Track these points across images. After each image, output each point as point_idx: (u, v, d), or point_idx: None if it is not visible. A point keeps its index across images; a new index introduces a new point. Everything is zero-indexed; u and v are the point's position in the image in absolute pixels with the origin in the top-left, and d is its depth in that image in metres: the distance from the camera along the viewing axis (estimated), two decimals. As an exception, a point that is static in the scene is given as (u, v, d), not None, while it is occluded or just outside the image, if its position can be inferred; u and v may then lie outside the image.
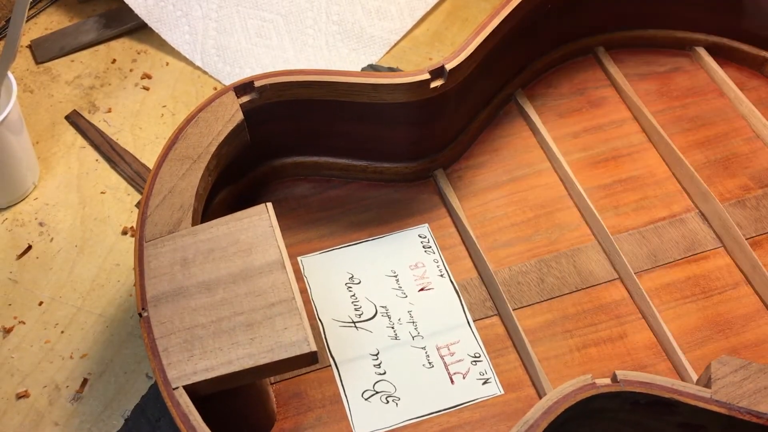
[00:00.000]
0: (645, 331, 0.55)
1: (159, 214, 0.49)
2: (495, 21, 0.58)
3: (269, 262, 0.47)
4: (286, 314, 0.45)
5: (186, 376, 0.43)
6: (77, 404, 0.55)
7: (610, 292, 0.57)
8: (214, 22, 0.75)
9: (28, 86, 0.72)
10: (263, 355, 0.44)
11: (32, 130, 0.69)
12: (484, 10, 0.79)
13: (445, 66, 0.56)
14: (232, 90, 0.55)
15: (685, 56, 0.71)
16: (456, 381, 0.53)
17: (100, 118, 0.70)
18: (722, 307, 0.56)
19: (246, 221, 0.49)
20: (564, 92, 0.69)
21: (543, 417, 0.43)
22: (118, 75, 0.73)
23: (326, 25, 0.76)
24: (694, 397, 0.44)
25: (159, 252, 0.48)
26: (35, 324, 0.58)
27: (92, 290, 0.60)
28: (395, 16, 0.77)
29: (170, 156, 0.52)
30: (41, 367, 0.56)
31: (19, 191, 0.65)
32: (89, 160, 0.68)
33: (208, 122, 0.53)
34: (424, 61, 0.75)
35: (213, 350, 0.44)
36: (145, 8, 0.74)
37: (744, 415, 0.44)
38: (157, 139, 0.69)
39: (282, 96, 0.56)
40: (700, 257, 0.59)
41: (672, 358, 0.54)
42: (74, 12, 0.78)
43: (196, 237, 0.48)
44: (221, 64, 0.73)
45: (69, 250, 0.62)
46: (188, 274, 0.47)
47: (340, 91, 0.56)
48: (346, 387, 0.53)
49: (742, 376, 0.45)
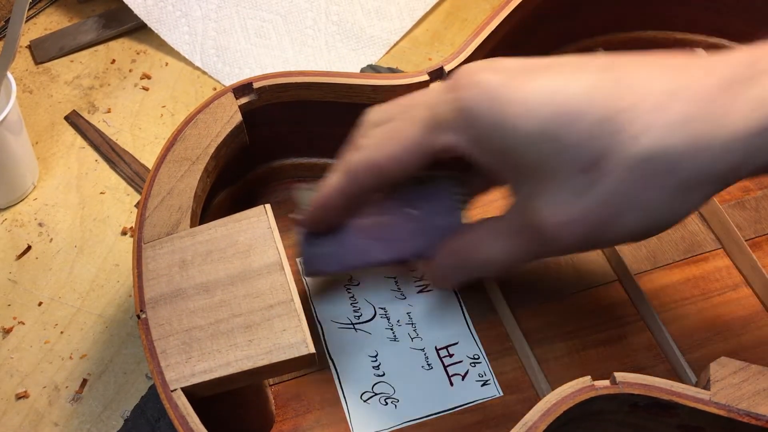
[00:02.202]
0: (644, 333, 0.55)
1: (157, 215, 0.49)
2: (494, 22, 0.58)
3: (268, 263, 0.47)
4: (285, 316, 0.45)
5: (184, 378, 0.43)
6: (77, 404, 0.55)
7: (610, 293, 0.57)
8: (213, 23, 0.75)
9: (27, 86, 0.72)
10: (261, 357, 0.44)
11: (31, 130, 0.69)
12: (483, 10, 0.79)
13: (444, 67, 0.56)
14: (231, 91, 0.55)
15: (686, 57, 0.71)
16: (455, 382, 0.53)
17: (100, 119, 0.70)
18: (722, 309, 0.56)
19: (245, 223, 0.49)
20: (564, 93, 0.68)
21: (542, 419, 0.43)
22: (117, 75, 0.73)
23: (326, 25, 0.76)
24: (693, 399, 0.44)
25: (157, 254, 0.48)
26: (35, 324, 0.58)
27: (92, 290, 0.60)
28: (395, 16, 0.77)
29: (168, 157, 0.52)
30: (41, 367, 0.57)
31: (19, 191, 0.65)
32: (89, 161, 0.68)
33: (206, 124, 0.53)
34: (423, 62, 0.75)
35: (211, 352, 0.44)
36: (145, 9, 0.74)
37: (743, 417, 0.44)
38: (156, 139, 0.69)
39: (281, 97, 0.56)
40: (700, 259, 0.59)
41: (671, 360, 0.54)
42: (74, 12, 0.78)
43: (194, 238, 0.48)
44: (221, 64, 0.73)
45: (68, 250, 0.62)
46: (186, 275, 0.47)
47: (340, 93, 0.56)
48: (344, 388, 0.53)
49: (741, 378, 0.45)
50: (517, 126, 0.41)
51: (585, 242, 0.43)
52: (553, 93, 0.41)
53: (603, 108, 0.40)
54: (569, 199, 0.41)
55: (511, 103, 0.41)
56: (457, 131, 0.43)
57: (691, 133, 0.40)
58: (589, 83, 0.41)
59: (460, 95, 0.42)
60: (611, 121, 0.40)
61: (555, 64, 0.43)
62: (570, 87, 0.41)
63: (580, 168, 0.41)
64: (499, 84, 0.42)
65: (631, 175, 0.40)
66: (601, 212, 0.41)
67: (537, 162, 0.41)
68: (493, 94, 0.42)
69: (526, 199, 0.43)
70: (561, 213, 0.42)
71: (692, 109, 0.40)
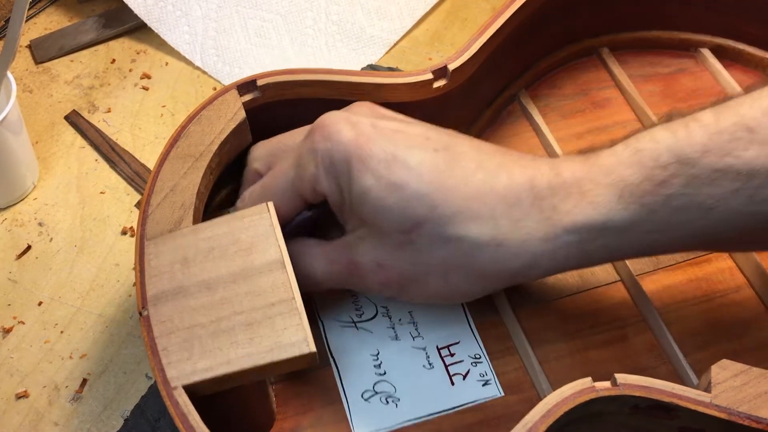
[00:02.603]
0: (646, 334, 0.55)
1: (160, 212, 0.49)
2: (499, 21, 0.58)
3: (269, 261, 0.47)
4: (286, 314, 0.45)
5: (185, 375, 0.43)
6: (77, 404, 0.55)
7: (612, 294, 0.57)
8: (213, 22, 0.75)
9: (27, 86, 0.72)
10: (262, 355, 0.44)
11: (31, 130, 0.68)
12: (483, 10, 0.79)
13: (448, 66, 0.56)
14: (235, 88, 0.54)
15: (690, 58, 0.71)
16: (456, 382, 0.53)
17: (100, 118, 0.70)
18: (724, 311, 0.56)
19: (247, 220, 0.49)
20: (568, 93, 0.68)
21: (542, 420, 0.43)
22: (117, 75, 0.73)
23: (326, 25, 0.76)
24: (694, 401, 0.44)
25: (160, 250, 0.48)
26: (35, 324, 0.58)
27: (92, 290, 0.60)
28: (395, 16, 0.77)
29: (172, 154, 0.51)
30: (41, 367, 0.56)
31: (19, 191, 0.65)
32: (89, 160, 0.67)
33: (210, 120, 0.53)
34: (423, 61, 0.75)
35: (212, 350, 0.44)
36: (145, 8, 0.74)
37: (744, 420, 0.44)
38: (156, 139, 0.69)
39: (284, 95, 0.56)
40: (703, 260, 0.58)
41: (673, 361, 0.53)
42: (74, 12, 0.78)
43: (196, 236, 0.48)
44: (221, 64, 0.73)
45: (68, 250, 0.62)
46: (188, 273, 0.47)
47: (343, 91, 0.56)
48: (346, 387, 0.53)
49: (742, 381, 0.45)
50: (359, 182, 0.47)
51: (393, 288, 0.50)
52: (390, 161, 0.46)
53: (427, 183, 0.46)
54: (389, 251, 0.48)
55: (358, 160, 0.47)
56: (316, 176, 0.48)
57: (494, 228, 0.46)
58: (423, 158, 0.47)
59: (316, 147, 0.48)
60: (430, 197, 0.46)
61: (403, 130, 0.49)
62: (407, 158, 0.47)
63: (401, 229, 0.47)
64: (350, 140, 0.47)
65: (437, 249, 0.47)
66: (409, 268, 0.48)
67: (370, 215, 0.47)
68: (343, 148, 0.47)
69: (357, 239, 0.49)
70: (379, 258, 0.49)
71: (499, 207, 0.46)
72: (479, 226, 0.46)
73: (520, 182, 0.47)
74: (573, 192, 0.46)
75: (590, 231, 0.46)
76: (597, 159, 0.47)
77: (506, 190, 0.47)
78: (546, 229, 0.46)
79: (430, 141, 0.48)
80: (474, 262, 0.47)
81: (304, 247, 0.51)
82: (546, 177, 0.47)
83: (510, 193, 0.47)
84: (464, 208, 0.46)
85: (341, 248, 0.50)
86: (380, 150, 0.47)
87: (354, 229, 0.50)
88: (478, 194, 0.46)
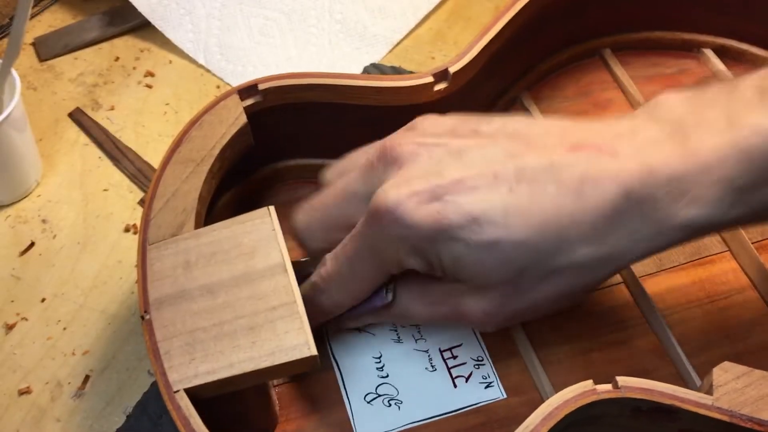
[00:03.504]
0: (649, 336, 0.55)
1: (162, 217, 0.49)
2: (500, 23, 0.58)
3: (271, 265, 0.47)
4: (288, 318, 0.45)
5: (187, 379, 0.43)
6: (79, 400, 0.55)
7: (615, 296, 0.57)
8: (217, 21, 0.75)
9: (31, 84, 0.72)
10: (264, 358, 0.44)
11: (35, 127, 0.68)
12: (487, 9, 0.78)
13: (449, 69, 0.56)
14: (236, 93, 0.54)
15: (693, 58, 0.70)
16: (458, 384, 0.53)
17: (103, 116, 0.70)
18: (728, 312, 0.56)
19: (249, 224, 0.49)
20: (570, 94, 0.68)
21: (543, 423, 0.43)
22: (121, 73, 0.73)
23: (329, 23, 0.76)
24: (696, 404, 0.44)
25: (162, 255, 0.48)
26: (37, 321, 0.58)
27: (94, 287, 0.60)
28: (398, 14, 0.77)
29: (174, 159, 0.51)
30: (43, 363, 0.57)
31: (22, 188, 0.65)
32: (92, 158, 0.68)
33: (211, 125, 0.53)
34: (426, 60, 0.75)
35: (214, 353, 0.44)
36: (149, 6, 0.74)
37: (746, 422, 0.44)
38: (159, 136, 0.69)
39: (285, 99, 0.56)
40: (706, 261, 0.58)
41: (676, 363, 0.53)
42: (78, 10, 0.78)
43: (198, 240, 0.48)
44: (224, 62, 0.73)
45: (71, 247, 0.62)
46: (190, 277, 0.47)
47: (344, 94, 0.56)
48: (348, 390, 0.53)
49: (744, 383, 0.45)
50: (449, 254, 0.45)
51: (503, 326, 0.50)
52: (472, 223, 0.44)
53: (519, 230, 0.44)
54: (495, 302, 0.47)
55: (439, 235, 0.44)
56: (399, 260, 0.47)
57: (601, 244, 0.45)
58: (502, 206, 0.44)
59: (389, 234, 0.46)
60: (527, 243, 0.44)
61: (465, 178, 0.45)
62: (488, 214, 0.44)
63: (504, 281, 0.46)
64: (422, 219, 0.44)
65: (545, 283, 0.46)
66: (518, 307, 0.47)
67: (468, 277, 0.46)
68: (418, 230, 0.44)
69: (457, 291, 0.48)
70: (486, 309, 0.48)
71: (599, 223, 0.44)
72: (584, 248, 0.44)
73: (611, 191, 0.43)
74: (673, 191, 0.43)
75: (699, 229, 0.45)
76: (692, 145, 0.44)
77: (600, 204, 0.44)
78: (654, 229, 0.44)
79: (499, 179, 0.44)
80: (585, 278, 0.46)
81: (405, 286, 0.50)
82: (637, 176, 0.43)
83: (606, 206, 0.44)
84: (564, 237, 0.44)
85: (442, 295, 0.49)
86: (456, 216, 0.44)
87: (453, 283, 0.48)
88: (573, 220, 0.44)
